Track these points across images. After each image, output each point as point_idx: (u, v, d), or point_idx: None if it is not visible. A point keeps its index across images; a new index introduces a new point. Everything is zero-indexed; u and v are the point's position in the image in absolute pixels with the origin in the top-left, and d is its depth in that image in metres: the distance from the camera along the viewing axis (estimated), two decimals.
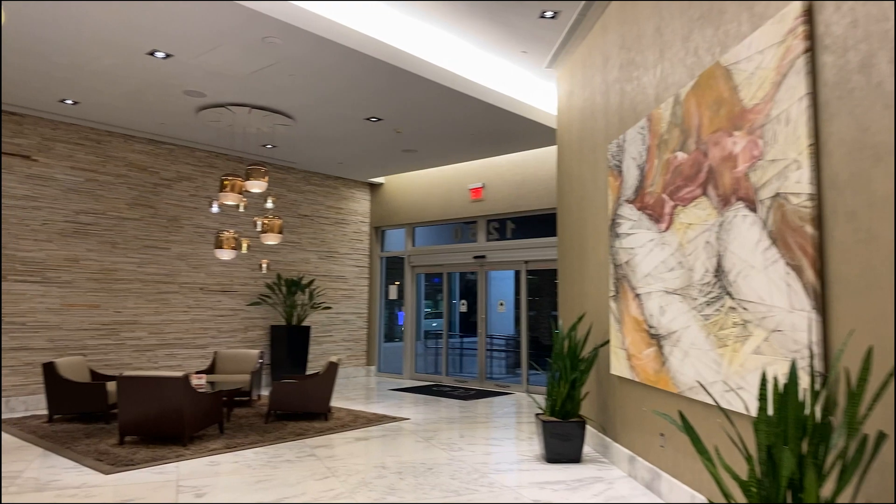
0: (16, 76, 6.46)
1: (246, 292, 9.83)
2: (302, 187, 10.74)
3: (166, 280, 8.91)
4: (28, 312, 7.62)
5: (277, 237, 7.94)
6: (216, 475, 4.81)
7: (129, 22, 5.25)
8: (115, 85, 6.70)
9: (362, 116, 7.72)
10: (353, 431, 6.52)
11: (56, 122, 7.93)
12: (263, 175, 7.30)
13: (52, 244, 7.85)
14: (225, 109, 7.38)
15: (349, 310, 11.35)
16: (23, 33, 5.46)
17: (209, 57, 5.94)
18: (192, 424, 5.73)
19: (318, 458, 5.38)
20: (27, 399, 7.53)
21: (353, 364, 11.34)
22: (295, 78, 6.47)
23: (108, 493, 4.32)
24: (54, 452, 5.44)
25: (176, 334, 8.98)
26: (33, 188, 7.73)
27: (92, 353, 8.11)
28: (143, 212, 8.71)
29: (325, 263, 11.01)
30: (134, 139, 8.66)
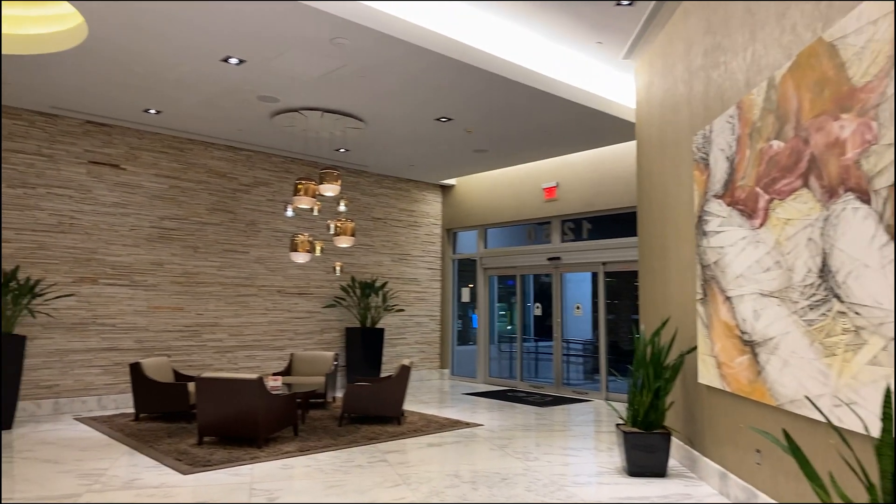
0: (102, 88, 6.76)
1: (322, 294, 9.95)
2: (374, 190, 10.78)
3: (245, 283, 9.13)
4: (118, 314, 7.98)
5: (350, 240, 7.97)
6: (289, 479, 4.79)
7: (202, 29, 5.35)
8: (193, 93, 6.90)
9: (432, 117, 7.62)
10: (426, 437, 6.40)
11: (141, 131, 8.28)
12: (336, 178, 7.33)
13: (138, 249, 8.20)
14: (298, 114, 7.47)
15: (422, 312, 11.30)
16: (106, 45, 5.68)
17: (280, 61, 6.00)
18: (267, 426, 5.77)
19: (389, 464, 5.28)
20: (117, 398, 7.88)
21: (426, 367, 11.27)
22: (365, 79, 6.45)
23: (185, 494, 4.37)
24: (138, 451, 5.61)
25: (255, 336, 9.18)
26: (122, 195, 8.09)
27: (176, 353, 8.40)
28: (222, 217, 8.96)
29: (397, 266, 11.01)
30: (213, 146, 8.93)
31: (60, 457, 5.39)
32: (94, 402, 7.72)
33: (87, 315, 7.75)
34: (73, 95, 6.98)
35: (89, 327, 7.75)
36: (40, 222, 7.49)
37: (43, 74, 6.36)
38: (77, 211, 7.75)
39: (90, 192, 7.86)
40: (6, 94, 6.96)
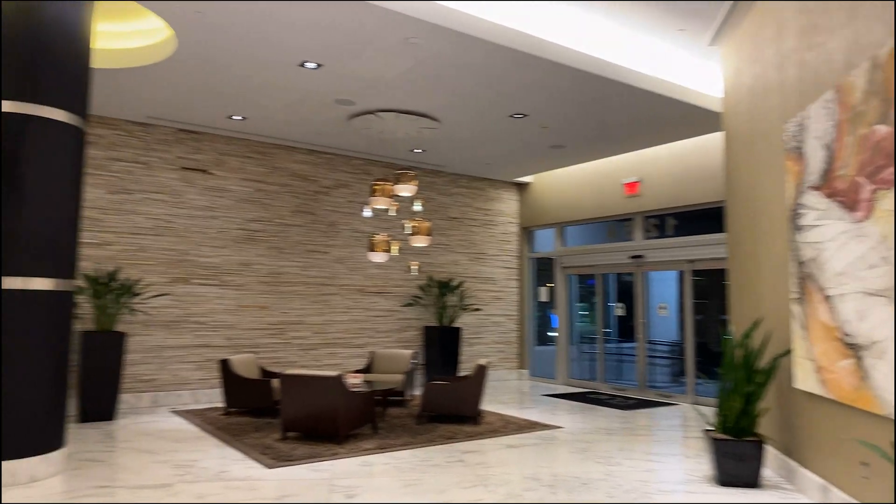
0: (191, 98, 7.11)
1: (400, 293, 10.06)
2: (450, 190, 10.80)
3: (327, 282, 9.37)
4: (209, 312, 8.38)
5: (426, 239, 8.01)
6: (367, 476, 4.85)
7: (280, 35, 5.51)
8: (274, 98, 7.13)
9: (507, 113, 7.54)
10: (504, 438, 6.33)
11: (228, 137, 8.66)
12: (412, 179, 7.39)
13: (227, 250, 8.57)
14: (374, 116, 7.58)
15: (499, 312, 11.22)
16: (193, 56, 5.96)
17: (355, 64, 6.09)
18: (347, 423, 5.88)
19: (466, 464, 5.25)
20: (209, 392, 8.27)
21: (504, 367, 11.18)
22: (438, 78, 6.45)
23: (268, 488, 4.51)
24: (227, 444, 5.85)
25: (337, 334, 9.41)
26: (211, 199, 8.49)
27: (262, 350, 8.73)
28: (304, 218, 9.24)
29: (474, 265, 10.98)
30: (296, 150, 9.22)
31: (157, 447, 5.70)
32: (189, 395, 8.14)
33: (181, 313, 8.18)
34: (165, 105, 7.39)
35: (183, 325, 8.18)
36: (138, 226, 7.97)
37: (138, 87, 6.76)
38: (171, 215, 8.20)
39: (182, 197, 8.29)
40: (107, 106, 7.44)
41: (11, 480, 4.38)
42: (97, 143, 7.72)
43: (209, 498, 4.25)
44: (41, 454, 4.56)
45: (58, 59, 4.68)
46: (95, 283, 7.12)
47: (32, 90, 4.55)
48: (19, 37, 4.55)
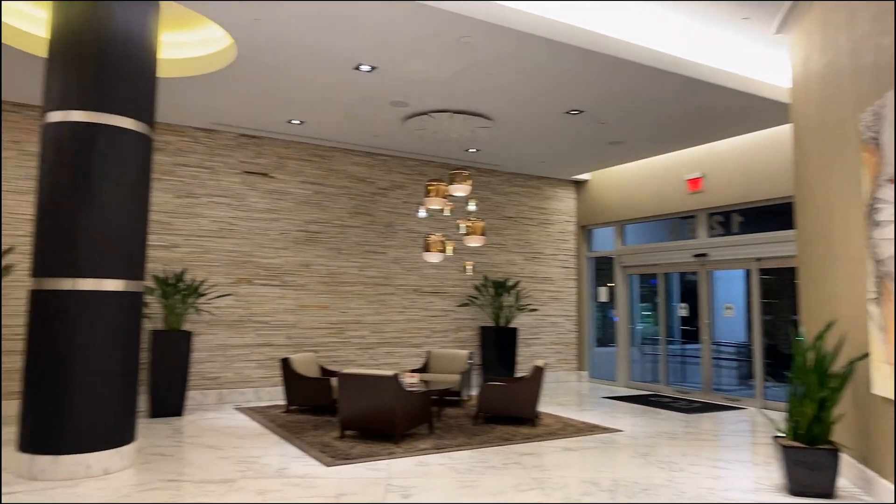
0: (252, 103, 7.31)
1: (456, 293, 10.06)
2: (506, 189, 10.72)
3: (384, 282, 9.47)
4: (271, 312, 8.60)
5: (481, 239, 7.97)
6: (424, 476, 4.86)
7: (335, 39, 5.59)
8: (331, 102, 7.25)
9: (562, 110, 7.41)
10: (562, 440, 6.23)
11: (287, 141, 8.87)
12: (466, 179, 7.37)
13: (287, 251, 8.78)
14: (428, 117, 7.60)
15: (557, 312, 11.06)
16: (252, 63, 6.12)
17: (408, 65, 6.12)
18: (403, 423, 5.91)
19: (523, 466, 5.19)
20: (271, 390, 8.49)
21: (562, 368, 11.02)
22: (492, 77, 6.40)
23: (326, 485, 4.58)
24: (287, 441, 5.98)
25: (394, 333, 9.49)
26: (272, 202, 8.71)
27: (322, 349, 8.90)
28: (362, 219, 9.36)
29: (530, 265, 10.87)
30: (353, 152, 9.36)
31: (221, 443, 5.89)
32: (252, 393, 8.38)
33: (244, 313, 8.43)
34: (227, 112, 7.63)
35: (246, 324, 8.43)
36: (203, 228, 8.26)
37: (202, 94, 7.00)
38: (234, 217, 8.46)
39: (245, 200, 8.54)
40: (174, 114, 7.75)
41: (86, 472, 4.60)
42: (165, 150, 8.04)
43: (270, 494, 4.35)
44: (114, 448, 4.77)
45: (126, 69, 4.89)
46: (164, 284, 7.42)
47: (102, 100, 4.77)
48: (89, 49, 4.78)
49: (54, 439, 4.56)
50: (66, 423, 4.57)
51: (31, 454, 4.56)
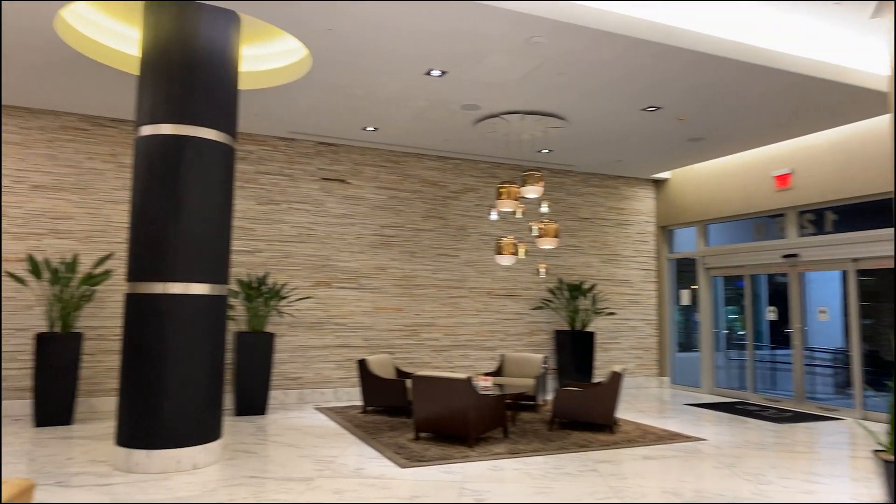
0: (329, 112, 7.51)
1: (529, 297, 9.96)
2: (581, 189, 10.52)
3: (457, 285, 9.50)
4: (348, 314, 8.80)
5: (554, 241, 7.85)
6: (497, 481, 4.83)
7: (405, 46, 5.66)
8: (403, 108, 7.35)
9: (639, 107, 7.19)
10: (641, 448, 6.03)
11: (363, 148, 9.06)
12: (538, 180, 7.28)
13: (363, 255, 8.97)
14: (499, 119, 7.56)
15: (636, 316, 10.74)
16: (328, 73, 6.29)
17: (478, 68, 6.11)
18: (477, 426, 5.89)
19: (600, 474, 5.06)
20: (349, 390, 8.68)
21: (642, 374, 10.69)
22: (563, 76, 6.30)
23: (401, 487, 4.63)
24: (364, 442, 6.09)
25: (467, 336, 9.50)
26: (348, 207, 8.93)
27: (398, 351, 9.02)
28: (435, 223, 9.44)
29: (607, 267, 10.61)
30: (425, 157, 9.45)
31: (301, 442, 6.07)
32: (331, 393, 8.60)
33: (323, 315, 8.67)
34: (305, 120, 7.88)
35: (325, 326, 8.66)
36: (284, 234, 8.56)
37: (281, 104, 7.26)
38: (313, 223, 8.72)
39: (323, 206, 8.79)
40: (255, 124, 8.08)
41: (176, 467, 4.86)
42: (247, 158, 8.40)
43: (346, 494, 4.44)
44: (202, 444, 5.01)
45: (210, 84, 5.14)
46: (248, 287, 7.74)
47: (188, 113, 5.04)
48: (176, 66, 5.05)
49: (148, 435, 4.83)
50: (158, 420, 4.84)
51: (128, 448, 4.86)
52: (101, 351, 7.50)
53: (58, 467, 4.99)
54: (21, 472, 4.83)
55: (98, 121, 7.73)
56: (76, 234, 7.53)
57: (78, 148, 7.62)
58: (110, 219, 7.71)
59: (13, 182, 7.30)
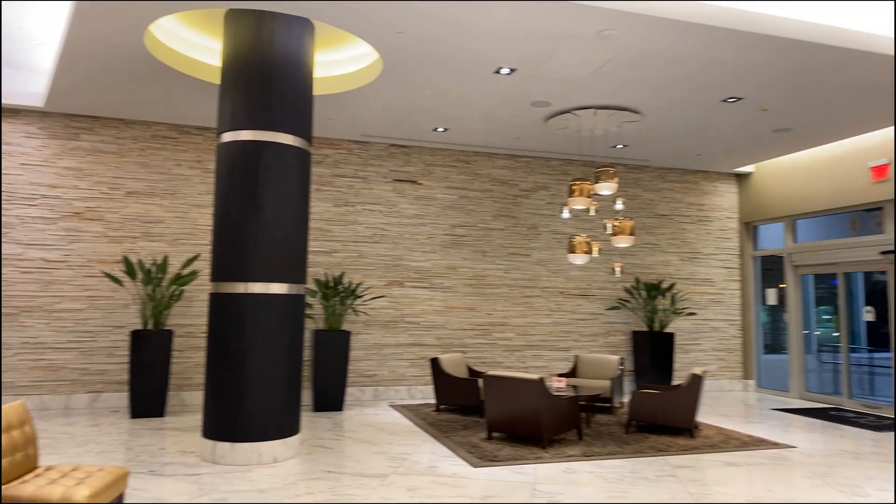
0: (400, 114, 7.61)
1: (605, 296, 9.74)
2: (658, 185, 10.19)
3: (529, 285, 9.41)
4: (420, 313, 8.90)
5: (629, 239, 7.63)
6: (571, 483, 4.75)
7: (473, 45, 5.65)
8: (472, 108, 7.35)
9: (718, 98, 6.89)
10: (723, 454, 5.77)
11: (434, 149, 9.14)
12: (612, 176, 7.10)
13: (435, 254, 9.04)
14: (571, 115, 7.43)
15: (718, 316, 10.29)
16: (398, 75, 6.37)
17: (548, 64, 6.03)
18: (550, 427, 5.82)
19: (679, 480, 4.88)
20: (423, 388, 8.77)
21: (725, 377, 10.23)
22: (638, 69, 6.11)
23: (473, 486, 4.63)
24: (437, 440, 6.14)
25: (540, 336, 9.40)
26: (420, 208, 9.02)
27: (470, 350, 9.04)
28: (506, 222, 9.39)
29: (687, 265, 10.22)
30: (495, 156, 9.42)
31: (376, 439, 6.18)
32: (405, 391, 8.72)
33: (397, 314, 8.80)
34: (378, 123, 8.02)
35: (398, 325, 8.79)
36: (359, 234, 8.75)
37: (354, 108, 7.42)
38: (386, 223, 8.87)
39: (395, 207, 8.93)
40: (330, 129, 8.29)
41: (258, 459, 5.05)
42: (323, 162, 8.64)
43: (419, 491, 4.49)
44: (281, 438, 5.19)
45: (286, 91, 5.32)
46: (324, 286, 7.96)
47: (267, 120, 5.23)
48: (254, 75, 5.26)
49: (232, 428, 5.05)
50: (241, 414, 5.05)
51: (213, 440, 5.10)
52: (190, 347, 7.91)
53: (151, 457, 5.30)
54: (118, 461, 5.17)
55: (185, 129, 8.16)
56: (166, 236, 7.98)
57: (167, 155, 8.06)
58: (197, 222, 8.12)
59: (110, 189, 7.82)
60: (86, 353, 7.55)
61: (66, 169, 7.68)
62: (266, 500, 4.23)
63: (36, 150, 7.59)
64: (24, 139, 7.55)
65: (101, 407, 7.51)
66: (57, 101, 7.27)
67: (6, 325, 7.30)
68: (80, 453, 5.37)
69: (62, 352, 7.47)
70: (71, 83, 6.67)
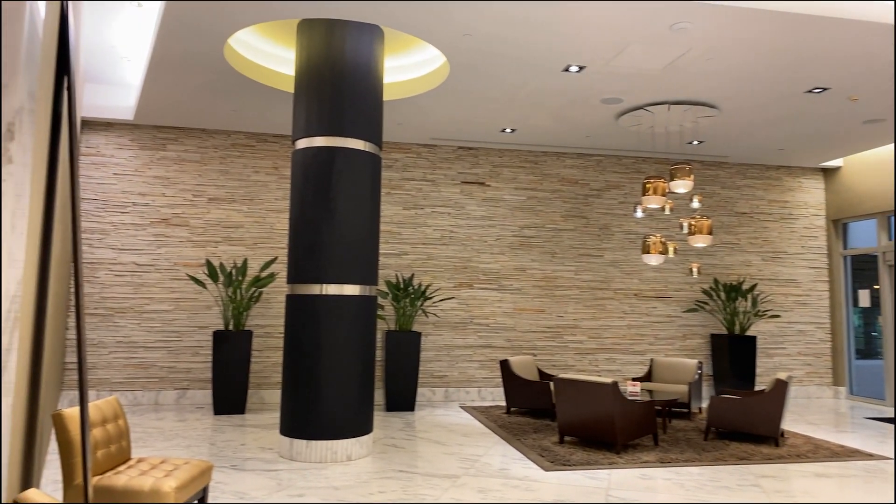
0: (468, 116, 7.63)
1: (681, 298, 9.43)
2: (737, 182, 9.77)
3: (601, 286, 9.22)
4: (490, 315, 8.88)
5: (707, 238, 7.35)
6: (647, 490, 4.62)
7: (542, 44, 5.59)
8: (541, 107, 7.28)
9: (801, 89, 6.53)
10: (812, 464, 5.47)
11: (502, 150, 9.11)
12: (688, 174, 6.86)
13: (503, 256, 9.01)
14: (643, 111, 7.23)
15: (804, 319, 9.76)
16: (465, 77, 6.39)
17: (619, 60, 5.89)
18: (624, 432, 5.68)
19: (763, 490, 4.66)
20: (493, 390, 8.75)
21: (813, 383, 9.69)
22: (713, 61, 5.88)
23: (545, 490, 4.58)
24: (507, 442, 6.11)
25: (613, 339, 9.19)
26: (488, 209, 9.01)
27: (540, 352, 8.94)
28: (576, 222, 9.24)
29: (769, 265, 9.75)
30: (565, 155, 9.29)
31: (447, 439, 6.21)
32: (475, 392, 8.72)
33: (466, 315, 8.82)
34: (445, 126, 8.07)
35: (468, 326, 8.81)
36: (428, 237, 8.83)
37: (422, 112, 7.50)
38: (454, 225, 8.91)
39: (463, 209, 8.96)
40: (399, 133, 8.41)
41: (332, 457, 5.18)
42: (393, 166, 8.77)
43: (490, 494, 4.47)
44: (355, 437, 5.30)
45: (357, 97, 5.44)
46: (395, 288, 8.07)
47: (339, 126, 5.36)
48: (327, 83, 5.40)
49: (308, 426, 5.20)
50: (316, 413, 5.19)
51: (290, 438, 5.27)
52: (268, 347, 8.20)
53: (233, 452, 5.53)
54: (202, 455, 5.42)
55: (262, 137, 8.48)
56: (245, 240, 8.31)
57: (245, 163, 8.40)
58: (274, 226, 8.41)
59: (194, 196, 8.22)
60: (173, 352, 7.96)
61: (154, 178, 8.14)
62: (340, 497, 4.33)
63: (127, 160, 8.08)
64: (117, 150, 8.05)
65: (187, 403, 7.90)
66: (145, 114, 7.72)
67: (102, 326, 7.80)
68: (168, 447, 5.67)
69: (152, 350, 7.91)
70: (157, 96, 7.07)
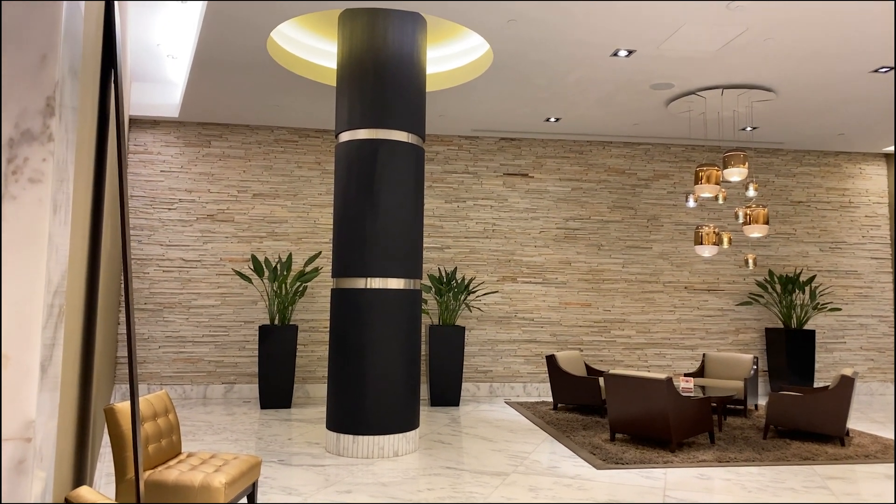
0: (511, 106, 7.47)
1: (734, 291, 9.09)
2: (793, 170, 9.35)
3: (650, 279, 8.96)
4: (534, 309, 8.72)
5: (763, 228, 7.04)
6: (705, 490, 4.41)
7: (590, 28, 5.40)
8: (587, 94, 7.07)
9: (866, 70, 6.17)
10: (882, 466, 5.16)
11: (545, 140, 8.91)
12: (743, 161, 6.57)
13: (548, 249, 8.82)
14: (695, 96, 6.95)
15: (866, 312, 9.29)
16: (509, 64, 6.23)
17: (670, 43, 5.65)
18: (679, 430, 5.46)
19: (831, 492, 4.40)
20: (539, 386, 8.60)
21: (876, 379, 9.23)
22: (770, 43, 5.59)
23: (598, 489, 4.42)
24: (556, 439, 5.96)
25: (663, 334, 8.92)
26: (531, 201, 8.84)
27: (587, 347, 8.74)
28: (623, 213, 8.99)
29: (828, 256, 9.31)
30: (611, 144, 9.04)
31: (494, 436, 6.10)
32: (521, 388, 8.58)
33: (510, 310, 8.68)
34: (487, 117, 7.92)
35: (512, 320, 8.67)
36: (470, 230, 8.71)
37: (464, 103, 7.37)
38: (496, 218, 8.77)
39: (506, 201, 8.80)
40: (440, 125, 8.31)
41: (379, 453, 5.13)
42: (435, 159, 8.68)
43: (542, 492, 4.35)
44: (402, 433, 5.24)
45: (399, 89, 5.35)
46: (438, 282, 7.99)
47: (382, 118, 5.29)
48: (369, 75, 5.33)
49: (354, 421, 5.16)
50: (362, 408, 5.15)
51: (337, 433, 5.24)
52: (313, 342, 8.22)
53: (280, 447, 5.53)
54: (250, 449, 5.43)
55: (304, 132, 8.49)
56: (290, 235, 8.34)
57: (289, 158, 8.43)
58: (317, 221, 8.42)
59: (238, 192, 8.28)
60: (220, 347, 8.05)
61: (200, 174, 8.23)
62: (389, 494, 4.26)
63: (173, 157, 8.19)
64: (164, 148, 8.17)
65: (235, 397, 7.99)
66: (190, 111, 7.80)
67: (152, 320, 7.94)
68: (217, 441, 5.71)
69: (199, 345, 8.02)
70: (201, 93, 7.12)
